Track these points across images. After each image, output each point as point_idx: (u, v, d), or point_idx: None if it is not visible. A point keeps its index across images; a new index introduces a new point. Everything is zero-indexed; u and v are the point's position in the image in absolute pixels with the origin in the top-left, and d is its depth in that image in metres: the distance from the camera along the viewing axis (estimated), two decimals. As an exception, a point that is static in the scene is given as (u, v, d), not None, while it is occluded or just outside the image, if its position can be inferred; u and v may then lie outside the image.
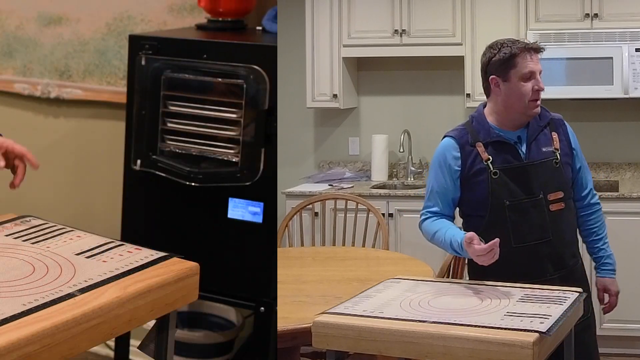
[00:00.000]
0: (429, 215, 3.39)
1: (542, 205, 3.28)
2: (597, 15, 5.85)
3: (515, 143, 3.32)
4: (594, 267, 3.52)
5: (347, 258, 4.62)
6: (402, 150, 6.51)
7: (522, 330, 2.50)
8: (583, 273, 3.45)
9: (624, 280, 3.75)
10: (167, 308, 2.72)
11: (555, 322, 2.59)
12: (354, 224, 5.33)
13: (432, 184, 3.40)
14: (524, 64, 3.25)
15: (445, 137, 3.39)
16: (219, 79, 3.84)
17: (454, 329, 2.55)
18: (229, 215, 3.91)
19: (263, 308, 3.90)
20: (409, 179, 6.59)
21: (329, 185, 6.33)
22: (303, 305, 3.65)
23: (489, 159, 3.28)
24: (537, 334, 2.47)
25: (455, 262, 4.05)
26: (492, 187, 3.27)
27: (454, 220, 3.38)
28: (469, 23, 6.12)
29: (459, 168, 3.33)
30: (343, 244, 5.36)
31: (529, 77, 3.25)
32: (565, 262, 3.35)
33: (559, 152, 3.34)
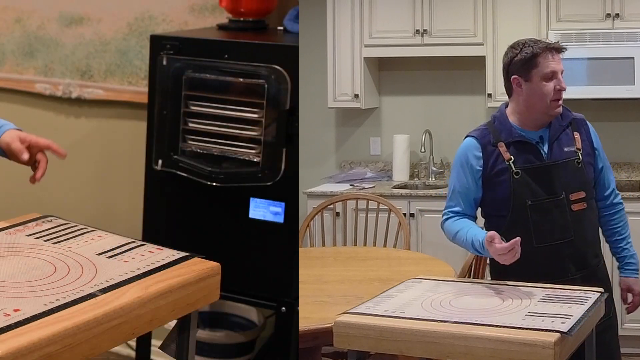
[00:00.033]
0: (451, 215, 3.39)
1: (564, 205, 3.27)
2: (618, 15, 5.82)
3: (537, 143, 3.31)
4: (617, 267, 3.51)
5: (368, 258, 4.62)
6: (423, 150, 6.51)
7: (543, 330, 2.49)
8: (605, 273, 3.43)
9: (647, 280, 3.73)
10: (188, 308, 2.72)
11: (577, 322, 2.58)
12: (375, 224, 5.33)
13: (454, 184, 3.39)
14: (546, 64, 3.24)
15: (467, 137, 3.39)
16: (240, 79, 3.84)
17: (475, 329, 2.54)
18: (251, 216, 3.91)
19: (284, 308, 3.89)
20: (431, 179, 6.59)
21: (350, 185, 6.33)
22: (324, 305, 3.65)
23: (511, 159, 3.27)
24: (558, 334, 2.46)
25: (477, 262, 4.04)
26: (514, 187, 3.26)
27: (476, 221, 3.38)
28: (490, 23, 6.11)
29: (481, 168, 3.32)
30: (364, 244, 5.36)
31: (551, 76, 3.24)
32: (588, 262, 3.33)
33: (581, 152, 3.33)
